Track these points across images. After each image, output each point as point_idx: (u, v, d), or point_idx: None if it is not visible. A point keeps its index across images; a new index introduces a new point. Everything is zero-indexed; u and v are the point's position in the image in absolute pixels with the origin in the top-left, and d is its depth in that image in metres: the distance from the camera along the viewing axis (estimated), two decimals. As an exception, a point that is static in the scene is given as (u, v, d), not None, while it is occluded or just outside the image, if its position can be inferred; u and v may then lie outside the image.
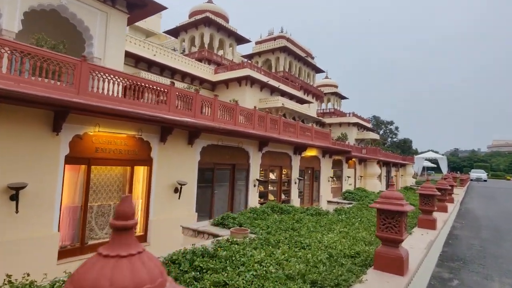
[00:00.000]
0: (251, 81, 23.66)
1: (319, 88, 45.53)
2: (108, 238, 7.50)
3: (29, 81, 6.34)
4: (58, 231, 6.74)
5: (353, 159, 22.84)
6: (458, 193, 17.33)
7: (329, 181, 18.94)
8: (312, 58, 40.91)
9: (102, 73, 7.64)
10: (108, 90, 7.70)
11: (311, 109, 39.31)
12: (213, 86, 25.25)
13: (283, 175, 15.25)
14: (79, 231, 7.34)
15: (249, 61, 24.21)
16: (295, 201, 15.58)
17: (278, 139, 13.20)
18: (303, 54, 37.00)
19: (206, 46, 26.53)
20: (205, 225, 5.54)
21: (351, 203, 10.04)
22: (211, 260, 3.36)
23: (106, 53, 11.92)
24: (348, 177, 21.48)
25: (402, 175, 36.18)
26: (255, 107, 13.43)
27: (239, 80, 23.64)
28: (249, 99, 23.52)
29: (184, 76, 22.68)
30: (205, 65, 24.54)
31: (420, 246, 4.66)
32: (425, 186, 6.65)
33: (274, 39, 35.28)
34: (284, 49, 33.89)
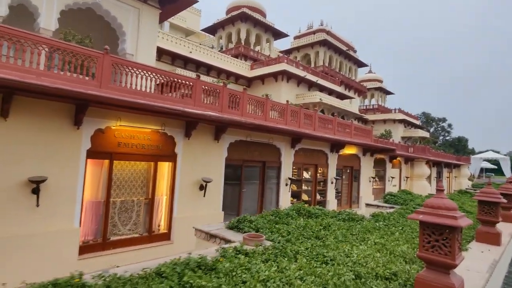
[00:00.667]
0: (288, 76, 22.83)
1: (362, 83, 43.21)
2: (131, 234, 7.32)
3: (51, 74, 6.30)
4: (80, 226, 6.68)
5: (398, 158, 20.99)
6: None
7: (370, 181, 17.52)
8: (354, 51, 38.80)
9: (125, 66, 7.47)
10: (132, 84, 7.52)
11: (353, 105, 37.36)
12: (249, 82, 24.86)
13: (318, 174, 14.30)
14: (101, 226, 7.26)
15: (285, 55, 23.34)
16: (332, 202, 14.55)
17: (312, 136, 12.31)
18: (344, 48, 35.18)
19: (242, 42, 26.21)
20: (219, 227, 5.02)
21: (393, 207, 8.90)
22: (205, 275, 2.78)
23: (138, 49, 11.99)
24: (392, 177, 19.75)
25: (456, 177, 32.81)
26: (287, 101, 12.67)
27: (275, 75, 22.94)
28: (285, 94, 22.72)
29: (220, 72, 22.56)
30: (241, 61, 24.21)
31: (480, 268, 3.65)
32: (486, 191, 5.53)
33: (314, 32, 33.97)
34: (323, 43, 32.47)
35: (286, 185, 11.93)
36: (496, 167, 45.58)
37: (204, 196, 8.94)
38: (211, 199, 9.26)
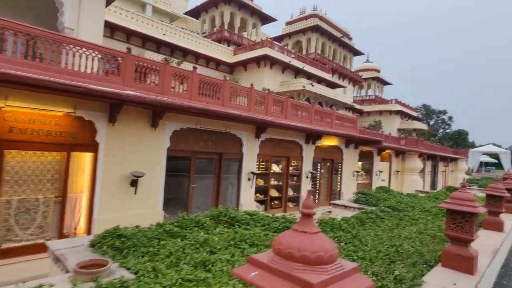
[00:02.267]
0: (271, 61, 21.19)
1: (358, 73, 41.44)
2: (35, 240, 5.90)
3: None
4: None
5: (388, 151, 19.48)
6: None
7: (354, 176, 16.06)
8: (350, 38, 36.94)
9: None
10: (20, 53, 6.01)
11: (347, 95, 35.71)
12: (231, 68, 23.25)
13: (291, 168, 12.85)
14: (-12, 231, 5.86)
15: (269, 39, 21.66)
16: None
17: (280, 124, 10.80)
18: (338, 34, 33.35)
19: (226, 26, 24.47)
20: (81, 243, 3.59)
21: (362, 209, 7.46)
22: None
23: (80, 24, 10.43)
24: (380, 171, 18.28)
25: (452, 171, 31.32)
26: (251, 84, 11.14)
27: (257, 61, 21.30)
28: (268, 81, 21.15)
29: (198, 57, 20.95)
30: (222, 46, 22.56)
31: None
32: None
33: (306, 18, 32.17)
34: (315, 29, 30.72)
35: (249, 179, 10.49)
36: (496, 161, 44.05)
37: (135, 193, 7.51)
38: (147, 196, 7.83)
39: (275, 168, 12.16)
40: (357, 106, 38.38)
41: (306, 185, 13.09)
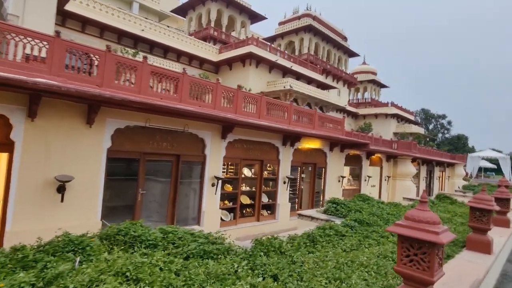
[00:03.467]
0: (256, 60, 20.15)
1: (354, 75, 40.48)
2: None
3: None
4: None
5: (378, 155, 18.35)
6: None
7: (339, 181, 14.93)
8: (345, 39, 36.02)
9: None
10: None
11: (342, 97, 34.71)
12: (216, 67, 22.24)
13: (266, 172, 11.74)
14: None
15: (255, 36, 20.66)
16: (284, 206, 11.99)
17: (250, 124, 9.71)
18: (332, 35, 32.39)
19: (213, 24, 23.49)
20: None
21: (330, 221, 6.33)
22: None
23: (26, 11, 9.43)
24: (369, 176, 17.12)
25: (449, 177, 30.11)
26: (217, 79, 10.07)
27: (242, 59, 20.27)
28: (254, 81, 20.11)
29: (180, 55, 19.95)
30: (207, 44, 21.56)
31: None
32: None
33: (299, 18, 31.24)
34: (308, 29, 29.78)
35: (213, 185, 9.37)
36: (496, 166, 42.93)
37: (62, 201, 6.41)
38: (79, 204, 6.72)
39: (247, 172, 11.04)
40: (352, 109, 37.36)
41: (283, 191, 11.96)
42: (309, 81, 23.91)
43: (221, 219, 9.93)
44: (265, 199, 11.54)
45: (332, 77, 32.90)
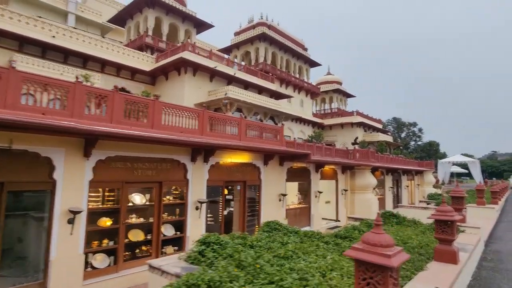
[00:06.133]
0: (193, 67, 17.98)
1: (319, 86, 39.29)
2: None
3: None
4: None
5: (332, 167, 16.26)
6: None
7: (280, 200, 12.60)
8: (305, 49, 34.89)
9: None
10: None
11: (305, 108, 33.16)
12: (152, 78, 19.91)
13: (171, 197, 9.26)
14: None
15: (190, 42, 18.61)
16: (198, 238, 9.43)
17: (130, 136, 7.26)
18: (290, 44, 31.08)
19: (150, 32, 21.35)
20: None
21: (191, 273, 3.93)
22: None
23: None
24: (320, 192, 14.90)
25: (418, 185, 28.52)
26: (77, 77, 7.69)
27: (177, 67, 18.07)
28: (191, 91, 17.88)
29: (105, 65, 17.52)
30: (139, 53, 19.30)
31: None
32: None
33: (254, 27, 29.78)
34: (263, 37, 28.28)
35: (69, 222, 6.76)
36: (467, 171, 42.22)
37: None
38: None
39: (139, 199, 8.51)
40: (317, 120, 35.79)
41: (195, 219, 9.45)
42: (260, 90, 21.97)
43: (91, 266, 7.27)
44: (170, 231, 8.99)
45: (293, 87, 31.38)
